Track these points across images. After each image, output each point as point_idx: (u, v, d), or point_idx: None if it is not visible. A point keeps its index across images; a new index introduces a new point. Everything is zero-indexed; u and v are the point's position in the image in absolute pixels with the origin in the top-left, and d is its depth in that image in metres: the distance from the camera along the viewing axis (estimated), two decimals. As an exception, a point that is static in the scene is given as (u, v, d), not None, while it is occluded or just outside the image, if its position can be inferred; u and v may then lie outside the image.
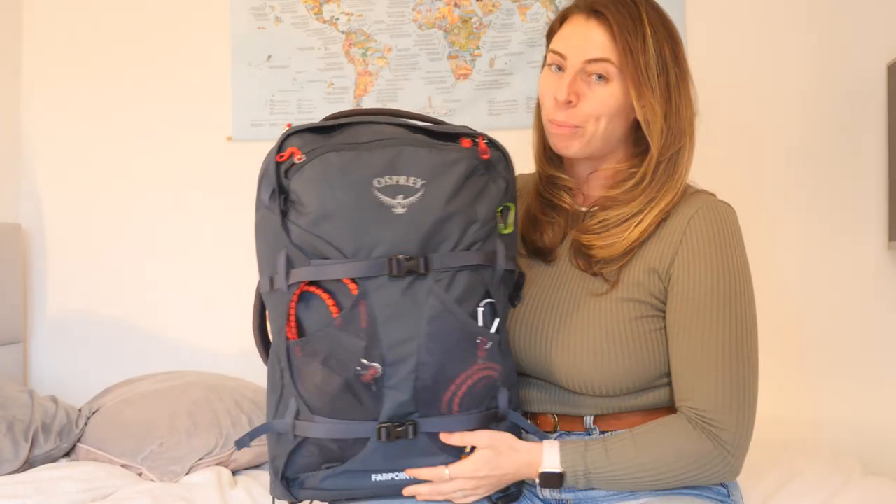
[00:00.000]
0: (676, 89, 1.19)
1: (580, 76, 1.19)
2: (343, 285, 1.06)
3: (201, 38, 2.49)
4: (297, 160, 1.07)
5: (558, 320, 1.21)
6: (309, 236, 1.06)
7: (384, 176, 1.06)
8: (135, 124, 2.51)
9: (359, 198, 1.06)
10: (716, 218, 1.18)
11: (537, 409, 1.25)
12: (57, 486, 1.65)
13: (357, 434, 1.08)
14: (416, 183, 1.07)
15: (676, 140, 1.20)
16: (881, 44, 2.18)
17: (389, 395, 1.08)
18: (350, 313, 1.05)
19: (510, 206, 1.14)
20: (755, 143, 2.25)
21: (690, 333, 1.15)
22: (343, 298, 1.06)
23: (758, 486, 1.66)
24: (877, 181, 2.18)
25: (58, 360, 2.53)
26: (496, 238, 1.12)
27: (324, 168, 1.06)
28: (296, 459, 1.12)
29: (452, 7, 2.39)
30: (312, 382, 1.08)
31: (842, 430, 2.15)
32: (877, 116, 2.19)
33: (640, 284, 1.18)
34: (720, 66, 2.27)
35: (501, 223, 1.13)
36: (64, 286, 2.53)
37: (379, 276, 1.05)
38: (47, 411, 1.92)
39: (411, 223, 1.06)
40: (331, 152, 1.07)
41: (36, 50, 2.56)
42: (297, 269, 1.07)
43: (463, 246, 1.09)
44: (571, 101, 1.18)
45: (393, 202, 1.06)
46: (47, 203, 2.55)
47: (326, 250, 1.06)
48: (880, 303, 2.17)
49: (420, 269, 1.06)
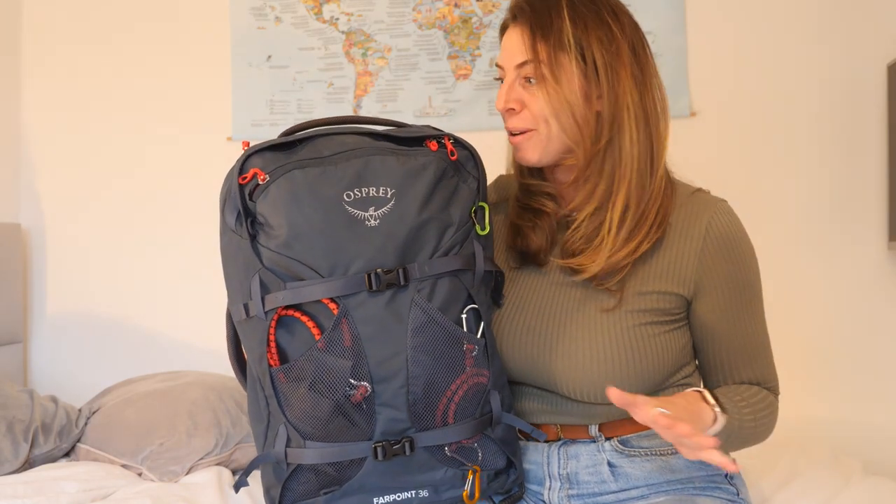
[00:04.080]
0: (606, 75, 1.14)
1: (518, 83, 1.19)
2: (323, 306, 1.04)
3: (201, 38, 2.49)
4: (260, 181, 1.04)
5: (560, 329, 1.18)
6: (281, 258, 1.03)
7: (353, 189, 1.04)
8: (135, 124, 2.51)
9: (329, 214, 1.03)
10: (730, 224, 1.20)
11: (538, 420, 1.22)
12: (57, 486, 1.65)
13: (352, 455, 1.06)
14: (387, 193, 1.05)
15: (605, 128, 1.15)
16: (881, 44, 2.18)
17: (382, 412, 1.05)
18: (332, 334, 1.03)
19: (483, 205, 1.13)
20: (755, 142, 2.25)
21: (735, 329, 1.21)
22: (324, 319, 1.04)
23: (758, 486, 1.66)
24: (877, 181, 2.18)
25: (58, 360, 2.52)
26: (473, 240, 1.11)
27: (290, 187, 1.03)
28: (292, 487, 1.09)
29: (452, 7, 2.39)
30: (301, 408, 1.05)
31: (842, 430, 2.15)
32: (877, 116, 2.19)
33: (649, 293, 1.16)
34: (720, 66, 2.27)
35: (478, 224, 1.12)
36: (64, 286, 2.53)
37: (358, 293, 1.03)
38: (47, 411, 1.92)
39: (386, 235, 1.04)
40: (295, 170, 1.04)
41: (36, 50, 2.56)
42: (272, 293, 1.03)
43: (441, 252, 1.07)
44: (514, 109, 1.19)
45: (365, 215, 1.04)
46: (47, 203, 2.55)
47: (301, 271, 1.03)
48: (880, 303, 2.17)
49: (399, 281, 1.04)
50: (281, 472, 1.08)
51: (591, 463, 1.19)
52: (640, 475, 1.18)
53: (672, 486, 1.18)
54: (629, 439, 1.19)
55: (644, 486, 1.18)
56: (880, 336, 2.17)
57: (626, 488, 1.18)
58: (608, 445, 1.19)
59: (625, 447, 1.18)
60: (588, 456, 1.19)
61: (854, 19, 2.20)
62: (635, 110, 1.15)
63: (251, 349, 1.09)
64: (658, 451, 1.19)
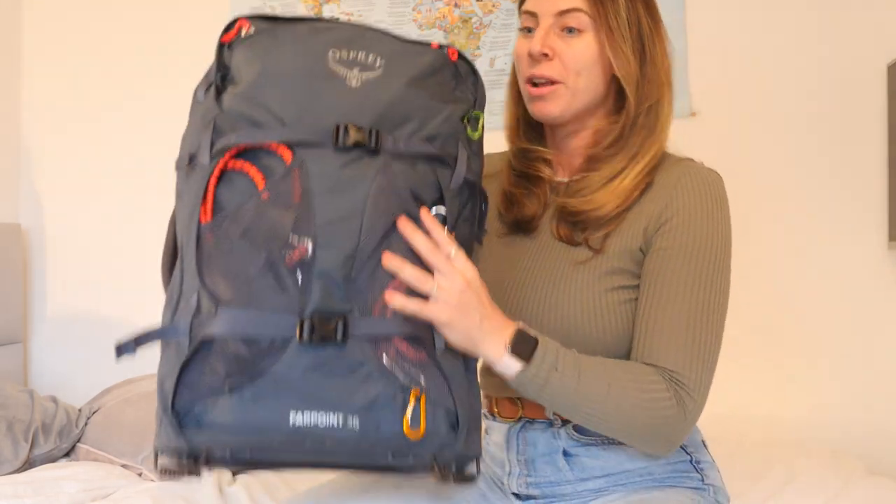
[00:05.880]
0: (650, 38, 1.15)
1: (553, 31, 1.15)
2: (277, 157, 0.88)
3: (201, 38, 2.49)
4: (245, 33, 0.93)
5: (535, 293, 1.15)
6: (244, 102, 0.90)
7: (341, 48, 0.92)
8: (135, 124, 2.51)
9: (309, 63, 0.91)
10: (703, 182, 1.14)
11: (501, 393, 1.19)
12: (57, 486, 1.65)
13: (274, 329, 0.85)
14: (376, 61, 0.93)
15: (654, 90, 1.16)
16: (881, 44, 2.18)
17: (318, 283, 0.86)
18: (280, 183, 0.88)
19: (479, 113, 1.02)
20: (755, 142, 2.25)
21: (663, 291, 1.09)
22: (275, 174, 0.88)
23: (758, 486, 1.66)
24: (877, 181, 2.18)
25: (58, 360, 2.52)
26: (461, 140, 0.98)
27: (274, 34, 0.93)
28: (191, 380, 0.85)
29: (452, 7, 2.39)
30: (224, 265, 0.87)
31: (842, 430, 2.15)
32: (877, 116, 2.19)
33: (624, 251, 1.13)
34: (720, 65, 2.27)
35: (469, 127, 1.00)
36: (64, 286, 2.53)
37: (321, 146, 0.88)
38: (47, 411, 1.92)
39: (366, 97, 0.91)
40: (285, 24, 0.94)
41: (36, 49, 2.56)
42: (225, 136, 0.89)
43: (421, 136, 0.93)
44: (547, 55, 1.14)
45: (348, 73, 0.91)
46: (47, 203, 2.55)
47: (263, 118, 0.89)
48: (880, 303, 2.17)
49: (370, 143, 0.89)
50: (181, 354, 0.85)
51: (547, 451, 1.17)
52: (596, 465, 1.15)
53: (630, 479, 1.14)
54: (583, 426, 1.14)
55: (602, 478, 1.15)
56: (880, 336, 2.17)
57: (584, 478, 1.15)
58: (563, 433, 1.16)
59: (581, 435, 1.15)
60: (545, 443, 1.17)
61: (854, 19, 2.20)
62: (667, 74, 1.17)
63: (184, 208, 0.92)
64: (614, 441, 1.14)
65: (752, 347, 2.17)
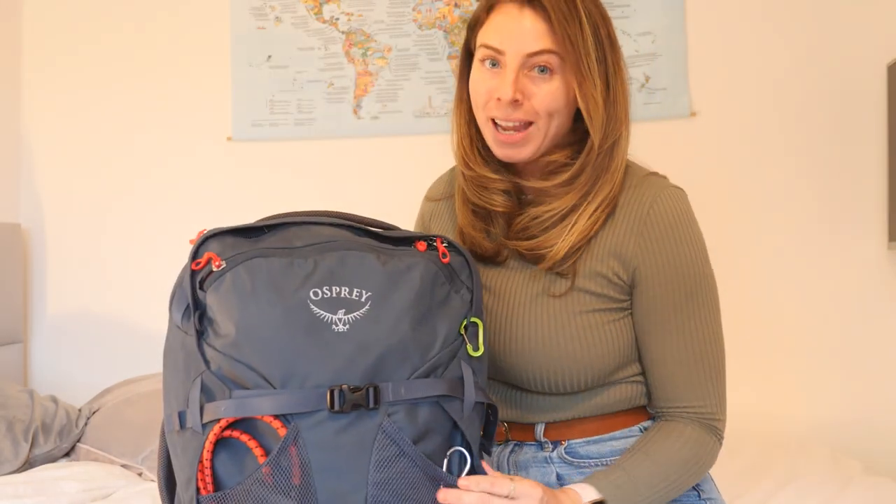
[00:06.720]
0: (614, 75, 1.12)
1: (522, 72, 1.09)
2: (266, 425, 0.85)
3: (201, 38, 2.49)
4: (215, 267, 0.88)
5: (511, 315, 1.13)
6: (228, 361, 0.86)
7: (323, 287, 0.87)
8: (135, 124, 2.51)
9: (289, 312, 0.85)
10: (674, 208, 1.12)
11: None
12: (57, 486, 1.65)
13: None
14: (361, 296, 0.88)
15: (615, 129, 1.13)
16: (881, 44, 2.18)
17: None
18: (278, 460, 0.84)
19: (477, 321, 0.96)
20: (755, 143, 2.25)
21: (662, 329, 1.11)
22: (270, 441, 0.85)
23: (758, 486, 1.66)
24: (877, 181, 2.18)
25: (58, 360, 2.53)
26: (462, 361, 0.94)
27: (248, 277, 0.86)
28: None
29: (452, 7, 2.39)
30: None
31: (842, 430, 2.15)
32: (877, 116, 2.19)
33: (597, 275, 1.12)
34: (719, 65, 2.27)
35: (469, 344, 0.95)
36: (64, 286, 2.53)
37: (316, 412, 0.84)
38: (47, 411, 1.92)
39: (356, 345, 0.86)
40: (258, 258, 0.88)
41: (36, 50, 2.56)
42: (215, 402, 0.85)
43: (421, 372, 0.89)
44: (518, 101, 1.09)
45: (333, 318, 0.86)
46: (47, 203, 2.55)
47: (249, 379, 0.85)
48: (880, 303, 2.17)
49: (368, 402, 0.85)
50: None
51: (539, 475, 1.15)
52: None
53: None
54: (575, 448, 1.14)
55: None
56: (880, 336, 2.17)
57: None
58: (555, 456, 1.14)
59: (573, 458, 1.14)
60: (537, 468, 1.15)
61: (854, 19, 2.20)
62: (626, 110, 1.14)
63: (181, 469, 0.89)
64: (608, 462, 1.13)
65: (751, 348, 2.17)
